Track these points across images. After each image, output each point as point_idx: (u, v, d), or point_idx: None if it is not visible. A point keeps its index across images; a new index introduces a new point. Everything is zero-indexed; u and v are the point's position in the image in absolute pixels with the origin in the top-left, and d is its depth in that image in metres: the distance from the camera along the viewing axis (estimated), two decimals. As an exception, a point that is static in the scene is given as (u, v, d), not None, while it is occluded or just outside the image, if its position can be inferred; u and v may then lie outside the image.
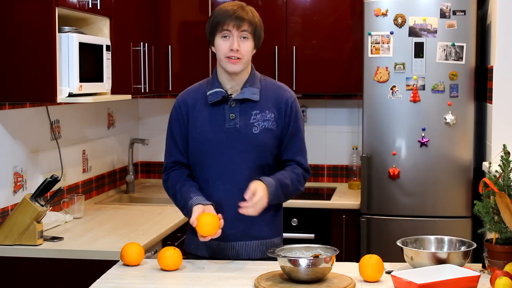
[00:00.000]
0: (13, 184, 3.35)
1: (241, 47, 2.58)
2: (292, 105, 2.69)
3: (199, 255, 2.72)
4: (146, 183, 4.96)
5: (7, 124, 3.30)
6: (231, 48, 2.57)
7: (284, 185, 2.61)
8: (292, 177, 2.65)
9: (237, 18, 2.56)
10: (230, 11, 2.58)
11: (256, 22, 2.62)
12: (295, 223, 4.30)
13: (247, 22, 2.58)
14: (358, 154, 4.65)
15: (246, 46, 2.59)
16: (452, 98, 4.04)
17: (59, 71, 3.07)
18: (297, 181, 2.67)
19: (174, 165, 2.72)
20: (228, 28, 2.57)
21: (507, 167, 2.42)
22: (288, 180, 2.63)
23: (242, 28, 2.57)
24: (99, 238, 3.22)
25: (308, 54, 4.51)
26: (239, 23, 2.57)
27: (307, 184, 4.69)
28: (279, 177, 2.61)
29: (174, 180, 2.69)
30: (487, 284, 2.28)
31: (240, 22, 2.57)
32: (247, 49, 2.60)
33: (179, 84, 4.36)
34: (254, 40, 2.62)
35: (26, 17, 3.01)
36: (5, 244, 3.03)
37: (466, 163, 4.07)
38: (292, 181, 2.64)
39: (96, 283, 2.41)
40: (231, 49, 2.57)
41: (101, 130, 4.38)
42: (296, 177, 2.67)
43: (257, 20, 2.63)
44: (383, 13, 4.06)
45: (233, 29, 2.57)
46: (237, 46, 2.57)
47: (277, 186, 2.58)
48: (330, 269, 2.36)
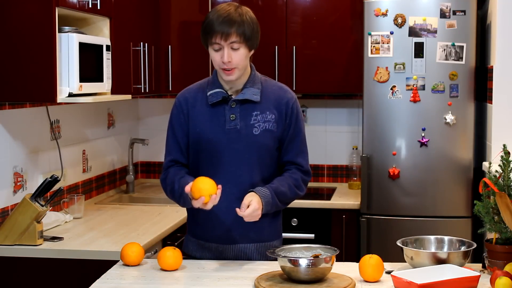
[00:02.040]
0: (13, 184, 3.35)
1: (233, 58, 2.53)
2: (293, 106, 2.68)
3: (198, 257, 2.71)
4: (146, 183, 4.96)
5: (7, 124, 3.30)
6: (222, 60, 2.54)
7: (280, 193, 2.59)
8: (289, 184, 2.63)
9: (223, 32, 2.50)
10: (216, 23, 2.50)
11: (245, 28, 2.52)
12: (295, 223, 4.30)
13: (234, 33, 2.50)
14: (358, 154, 4.65)
15: (238, 55, 2.54)
16: (452, 98, 4.04)
17: (59, 71, 3.07)
18: (295, 186, 2.65)
19: (173, 164, 2.71)
20: (217, 41, 2.52)
21: (507, 167, 2.42)
22: (285, 187, 2.61)
23: (230, 40, 2.51)
24: (99, 238, 3.22)
25: (308, 54, 4.51)
26: (226, 36, 2.50)
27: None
28: (275, 186, 2.60)
29: (173, 174, 2.65)
30: (487, 284, 2.28)
31: (227, 35, 2.50)
32: (240, 57, 2.55)
33: (179, 84, 4.36)
34: (247, 45, 2.56)
35: (26, 17, 3.02)
36: (5, 244, 3.03)
37: (466, 163, 4.07)
38: (289, 187, 2.63)
39: (96, 283, 2.41)
40: (223, 61, 2.54)
41: (101, 130, 4.38)
42: (294, 183, 2.65)
43: (249, 22, 2.54)
44: (383, 13, 4.05)
45: (221, 41, 2.52)
46: (227, 58, 2.52)
47: (273, 196, 2.57)
48: (330, 269, 2.36)
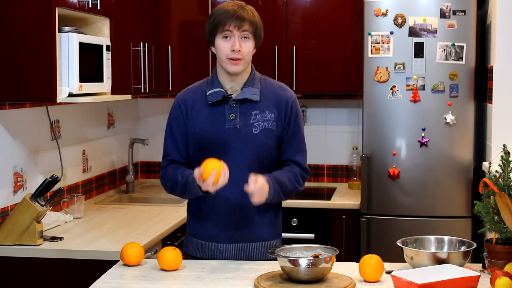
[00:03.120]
0: (13, 184, 3.35)
1: (243, 47, 2.57)
2: (292, 105, 2.68)
3: (197, 257, 2.71)
4: (146, 183, 4.96)
5: (7, 124, 3.30)
6: (232, 48, 2.56)
7: (281, 182, 2.59)
8: (289, 176, 2.64)
9: (238, 18, 2.55)
10: (231, 11, 2.56)
11: (257, 21, 2.61)
12: (295, 223, 4.30)
13: (248, 22, 2.57)
14: (358, 154, 4.65)
15: (247, 46, 2.58)
16: (452, 98, 4.04)
17: (59, 71, 3.07)
18: (295, 180, 2.65)
19: (171, 163, 2.71)
20: (229, 29, 2.56)
21: (507, 167, 2.42)
22: (285, 178, 2.62)
23: (243, 28, 2.56)
24: (99, 238, 3.22)
25: (308, 54, 4.51)
26: (240, 23, 2.55)
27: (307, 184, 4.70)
28: (275, 175, 2.60)
29: (173, 169, 2.65)
30: (487, 284, 2.28)
31: (241, 22, 2.55)
32: (248, 49, 2.59)
33: (179, 84, 4.36)
34: (255, 40, 2.61)
35: (26, 17, 3.02)
36: (5, 244, 3.03)
37: (466, 163, 4.07)
38: (289, 179, 2.63)
39: (96, 283, 2.41)
40: (233, 50, 2.56)
41: (101, 130, 4.38)
42: (294, 176, 2.65)
43: (257, 19, 2.62)
44: (383, 13, 4.05)
45: (234, 29, 2.56)
46: (238, 46, 2.56)
47: (274, 182, 2.56)
48: (330, 269, 2.36)
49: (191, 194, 2.58)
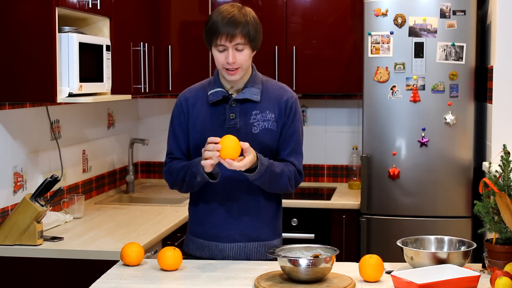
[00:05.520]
0: (13, 184, 3.35)
1: (237, 58, 2.55)
2: (292, 105, 2.68)
3: (198, 256, 2.72)
4: (146, 183, 4.96)
5: (7, 124, 3.30)
6: (227, 61, 2.55)
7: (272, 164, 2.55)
8: (283, 169, 2.60)
9: (228, 34, 2.52)
10: (221, 24, 2.52)
11: (250, 29, 2.55)
12: (295, 223, 4.30)
13: (239, 34, 2.53)
14: (358, 154, 4.65)
15: (242, 56, 2.56)
16: (452, 98, 4.04)
17: (59, 71, 3.07)
18: (288, 177, 2.62)
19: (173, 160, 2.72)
20: (221, 43, 2.54)
21: (507, 167, 2.42)
22: (279, 169, 2.58)
23: (235, 42, 2.53)
24: (99, 238, 3.22)
25: (308, 54, 4.51)
26: (231, 37, 2.52)
27: (307, 184, 4.71)
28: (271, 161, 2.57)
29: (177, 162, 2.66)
30: (487, 284, 2.28)
31: (232, 38, 2.52)
32: (244, 58, 2.57)
33: (179, 84, 4.36)
34: (251, 46, 2.59)
35: (26, 17, 3.02)
36: (5, 244, 3.03)
37: (466, 163, 4.07)
38: (282, 171, 2.59)
39: (96, 283, 2.41)
40: (227, 62, 2.55)
41: (101, 130, 4.38)
42: (288, 172, 2.62)
43: (251, 25, 2.56)
44: (383, 13, 4.06)
45: (226, 42, 2.53)
46: (232, 59, 2.54)
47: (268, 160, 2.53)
48: (330, 269, 2.36)
49: (192, 176, 2.55)
